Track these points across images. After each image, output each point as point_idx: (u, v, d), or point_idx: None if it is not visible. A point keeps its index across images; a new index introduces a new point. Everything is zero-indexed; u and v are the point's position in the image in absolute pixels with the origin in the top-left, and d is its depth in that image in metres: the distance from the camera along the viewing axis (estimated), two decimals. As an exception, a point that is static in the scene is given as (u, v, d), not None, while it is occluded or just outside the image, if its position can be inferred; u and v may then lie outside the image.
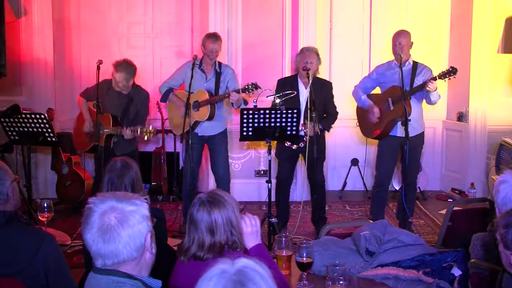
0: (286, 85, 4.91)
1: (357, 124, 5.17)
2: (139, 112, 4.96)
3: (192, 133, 4.87)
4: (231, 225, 2.14)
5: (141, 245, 1.69)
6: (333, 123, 5.01)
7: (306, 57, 4.79)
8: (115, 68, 4.82)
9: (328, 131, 5.03)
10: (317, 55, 4.85)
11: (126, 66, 4.83)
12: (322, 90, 4.86)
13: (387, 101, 4.79)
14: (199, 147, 5.03)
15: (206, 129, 4.97)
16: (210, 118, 4.89)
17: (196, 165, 5.08)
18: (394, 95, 4.73)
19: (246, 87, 4.70)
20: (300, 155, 5.05)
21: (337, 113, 5.01)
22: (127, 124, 4.82)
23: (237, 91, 4.71)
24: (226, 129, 5.17)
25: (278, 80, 5.09)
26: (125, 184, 2.86)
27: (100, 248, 1.66)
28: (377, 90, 5.10)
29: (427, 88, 4.52)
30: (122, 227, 1.65)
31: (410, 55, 4.83)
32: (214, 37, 4.96)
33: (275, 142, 4.91)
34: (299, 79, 4.93)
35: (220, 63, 5.05)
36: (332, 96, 4.97)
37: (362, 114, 5.10)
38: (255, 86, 4.67)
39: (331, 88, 4.99)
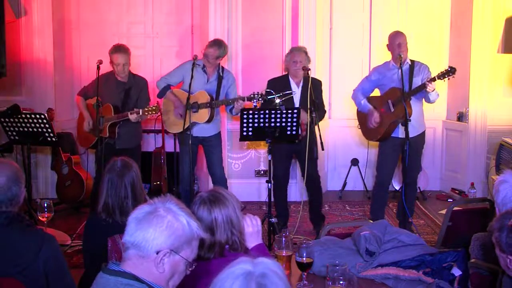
0: (278, 85, 4.91)
1: (358, 127, 5.16)
2: (140, 99, 4.98)
3: (185, 133, 4.86)
4: (231, 224, 2.14)
5: (151, 251, 1.66)
6: (322, 118, 5.02)
7: (295, 57, 4.84)
8: (113, 51, 4.88)
9: (316, 124, 4.97)
10: (306, 54, 4.90)
11: (122, 48, 4.92)
12: (314, 88, 4.87)
13: (387, 104, 4.79)
14: (194, 147, 5.02)
15: (201, 130, 4.94)
16: (210, 121, 4.89)
17: (192, 166, 5.07)
18: (394, 96, 4.73)
19: (252, 96, 4.64)
20: (294, 154, 5.08)
21: (325, 111, 5.09)
22: (130, 111, 4.83)
23: (243, 99, 4.70)
24: (220, 131, 5.17)
25: (269, 81, 5.05)
26: (125, 183, 2.86)
27: (132, 221, 1.69)
28: (376, 92, 5.10)
29: (427, 89, 4.54)
30: (161, 223, 1.66)
31: (407, 55, 4.83)
32: (211, 42, 4.95)
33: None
34: (290, 79, 4.94)
35: (223, 68, 5.06)
36: (321, 93, 5.05)
37: (363, 117, 5.09)
38: (261, 96, 4.62)
39: (321, 86, 5.06)
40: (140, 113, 4.71)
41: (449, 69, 4.56)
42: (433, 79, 4.55)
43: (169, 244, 1.67)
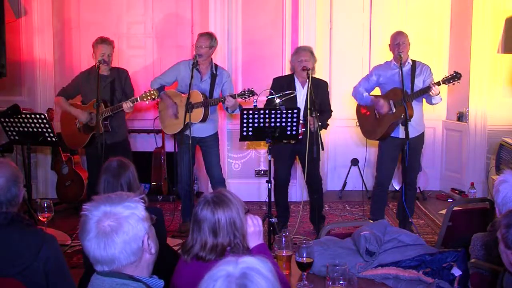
0: (282, 84, 4.92)
1: (357, 124, 5.17)
2: (126, 90, 4.98)
3: (183, 134, 4.86)
4: (235, 227, 2.13)
5: (138, 248, 1.70)
6: (327, 120, 5.01)
7: (301, 56, 4.82)
8: (97, 42, 4.92)
9: (326, 128, 5.02)
10: (312, 54, 4.87)
11: (105, 39, 4.95)
12: (318, 90, 4.86)
13: (388, 104, 4.78)
14: (192, 148, 5.02)
15: (198, 130, 4.91)
16: (204, 120, 4.88)
17: (191, 166, 5.07)
18: (396, 97, 4.72)
19: (242, 92, 4.67)
20: (297, 155, 5.07)
21: (331, 111, 5.04)
22: (119, 102, 4.84)
23: (233, 96, 4.69)
24: (217, 132, 5.16)
25: (274, 79, 5.08)
26: (121, 183, 2.85)
27: (97, 255, 1.68)
28: (376, 91, 5.10)
29: (431, 93, 4.53)
30: (116, 234, 1.66)
31: (408, 55, 4.83)
32: (201, 33, 4.98)
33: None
34: (296, 79, 4.93)
35: (216, 65, 5.04)
36: (328, 95, 5.01)
37: (362, 116, 5.09)
38: (252, 93, 4.64)
39: (327, 87, 5.04)
40: (138, 100, 4.71)
41: (454, 74, 4.54)
42: (438, 83, 4.54)
43: (143, 231, 1.71)
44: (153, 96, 4.73)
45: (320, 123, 4.77)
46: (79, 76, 5.13)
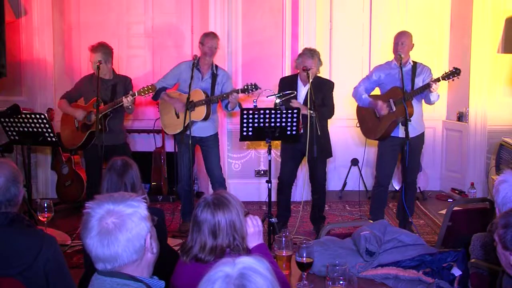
0: (287, 83, 4.96)
1: (357, 125, 5.16)
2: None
3: (184, 133, 4.86)
4: (234, 229, 2.13)
5: (140, 247, 1.70)
6: (328, 116, 4.96)
7: (305, 61, 4.81)
8: (91, 50, 4.91)
9: (320, 119, 4.88)
10: (318, 58, 4.85)
11: (102, 47, 4.92)
12: (322, 88, 4.87)
13: (388, 102, 4.78)
14: (191, 147, 5.02)
15: (198, 130, 4.92)
16: (206, 118, 4.89)
17: (191, 166, 5.08)
18: (396, 96, 4.73)
19: (246, 87, 4.70)
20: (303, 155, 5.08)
21: (333, 109, 4.99)
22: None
23: (237, 91, 4.72)
24: (217, 132, 5.18)
25: (280, 79, 5.15)
26: (125, 182, 2.86)
27: (99, 253, 1.68)
28: (376, 91, 5.10)
29: (431, 89, 4.53)
30: (120, 231, 1.66)
31: (409, 56, 4.83)
32: (212, 34, 5.03)
33: (276, 141, 4.92)
34: (299, 78, 4.95)
35: (216, 66, 5.05)
36: (331, 94, 4.98)
37: (362, 115, 5.09)
38: (255, 87, 4.67)
39: (332, 87, 5.00)
40: (136, 94, 4.71)
41: (453, 69, 4.56)
42: (438, 80, 4.55)
43: (145, 230, 1.71)
44: (150, 90, 4.74)
45: (316, 113, 4.70)
46: (82, 79, 5.15)
